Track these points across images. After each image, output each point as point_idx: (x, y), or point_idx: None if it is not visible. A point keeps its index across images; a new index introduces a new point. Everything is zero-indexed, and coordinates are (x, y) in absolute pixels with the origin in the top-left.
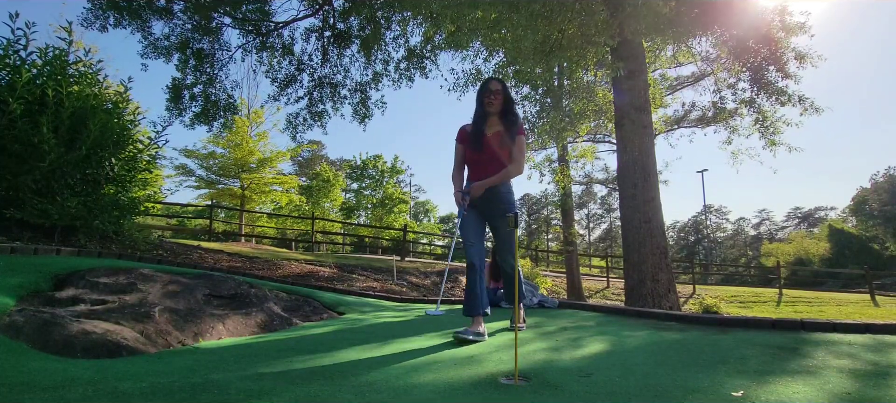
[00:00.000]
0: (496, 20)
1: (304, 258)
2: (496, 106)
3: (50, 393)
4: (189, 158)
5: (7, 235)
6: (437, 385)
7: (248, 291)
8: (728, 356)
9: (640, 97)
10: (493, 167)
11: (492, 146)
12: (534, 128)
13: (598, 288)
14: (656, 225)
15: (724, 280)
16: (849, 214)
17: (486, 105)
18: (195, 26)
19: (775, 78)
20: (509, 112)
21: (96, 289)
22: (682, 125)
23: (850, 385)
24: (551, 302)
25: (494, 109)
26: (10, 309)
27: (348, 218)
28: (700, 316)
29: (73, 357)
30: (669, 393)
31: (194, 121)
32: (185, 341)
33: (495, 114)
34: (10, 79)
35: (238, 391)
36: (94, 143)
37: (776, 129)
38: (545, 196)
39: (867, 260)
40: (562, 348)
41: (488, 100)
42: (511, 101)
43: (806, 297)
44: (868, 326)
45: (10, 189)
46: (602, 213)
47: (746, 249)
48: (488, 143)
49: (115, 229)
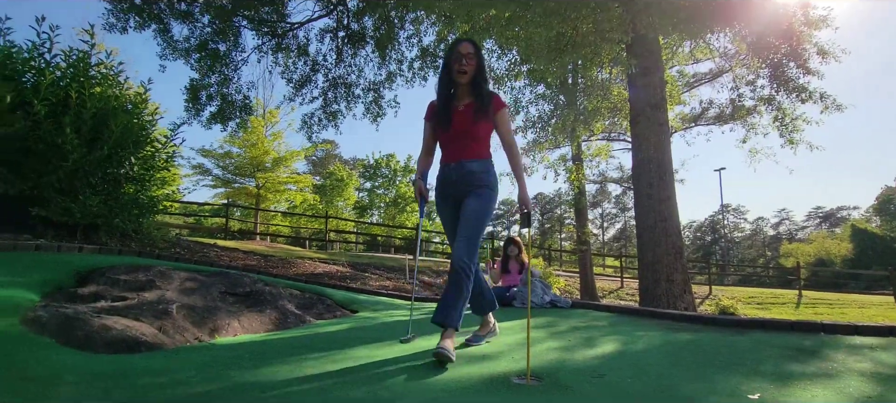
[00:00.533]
0: (509, 18)
1: (317, 256)
2: (468, 73)
3: (72, 387)
4: (206, 158)
5: (32, 233)
6: (449, 384)
7: (263, 289)
8: (744, 358)
9: (655, 94)
10: (463, 145)
11: (463, 122)
12: (547, 127)
13: (611, 288)
14: (672, 225)
15: (742, 281)
16: (873, 214)
17: (455, 72)
18: (214, 29)
19: (796, 74)
20: (482, 81)
21: (116, 286)
22: (699, 123)
23: (871, 389)
24: (564, 302)
25: (466, 78)
26: (34, 304)
27: (361, 216)
28: (716, 317)
29: (94, 352)
30: (683, 395)
31: (211, 120)
32: (201, 337)
33: (466, 83)
34: (36, 81)
35: (253, 386)
36: (116, 143)
37: (796, 127)
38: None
39: (891, 262)
40: (574, 348)
41: (459, 66)
42: (484, 68)
43: (827, 299)
44: (891, 329)
45: (34, 188)
46: (616, 212)
47: (765, 249)
48: (459, 119)
49: (135, 227)
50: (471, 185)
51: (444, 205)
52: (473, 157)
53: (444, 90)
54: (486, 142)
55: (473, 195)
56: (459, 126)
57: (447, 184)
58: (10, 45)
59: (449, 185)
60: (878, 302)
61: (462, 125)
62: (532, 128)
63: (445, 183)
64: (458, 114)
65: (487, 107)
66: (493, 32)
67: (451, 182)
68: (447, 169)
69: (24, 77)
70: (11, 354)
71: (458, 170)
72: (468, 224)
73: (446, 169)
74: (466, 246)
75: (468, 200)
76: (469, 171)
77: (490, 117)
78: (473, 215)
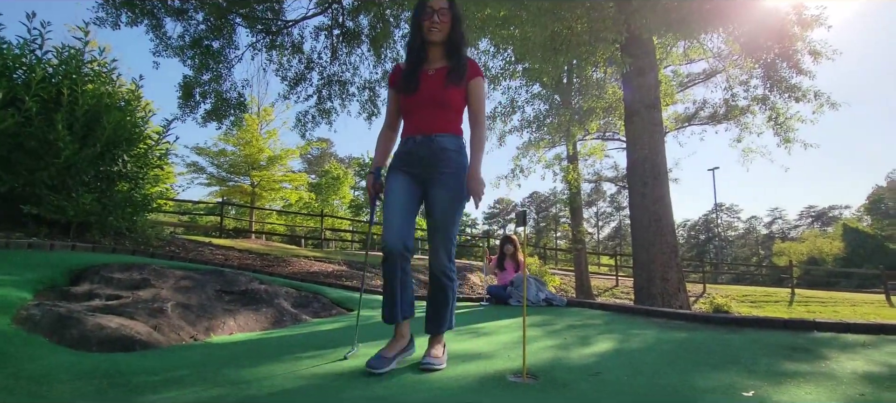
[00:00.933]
0: (505, 17)
1: (313, 255)
2: (441, 31)
3: (66, 386)
4: (200, 156)
5: (24, 231)
6: (445, 382)
7: (259, 287)
8: (739, 356)
9: (650, 94)
10: (433, 114)
11: (433, 87)
12: (543, 126)
13: (606, 286)
14: (666, 224)
15: (735, 279)
16: (864, 213)
17: (425, 30)
18: (209, 26)
19: (789, 74)
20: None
21: (110, 284)
22: (693, 122)
23: (864, 386)
24: (559, 301)
25: (439, 37)
26: (27, 303)
27: (357, 215)
28: (710, 316)
29: (88, 350)
30: (679, 393)
31: (206, 118)
32: (196, 336)
33: (439, 43)
34: (27, 78)
35: (248, 385)
36: (108, 141)
37: (790, 126)
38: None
39: (882, 260)
40: (570, 346)
41: (429, 23)
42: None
43: (819, 297)
44: (883, 327)
45: (26, 185)
46: (611, 211)
47: (758, 248)
48: (428, 83)
49: (129, 225)
50: (441, 169)
51: (399, 180)
52: (445, 131)
53: (413, 52)
54: (459, 115)
55: (444, 186)
56: (429, 92)
57: (411, 161)
58: (0, 41)
59: (414, 162)
60: (869, 301)
61: (432, 91)
62: (528, 127)
63: (409, 159)
64: (427, 78)
65: (462, 73)
66: (488, 31)
67: (416, 158)
68: (412, 142)
69: (14, 73)
70: (4, 353)
71: (426, 146)
72: (444, 224)
73: (411, 142)
74: (445, 248)
75: (438, 191)
76: (441, 148)
77: (464, 85)
78: (449, 213)
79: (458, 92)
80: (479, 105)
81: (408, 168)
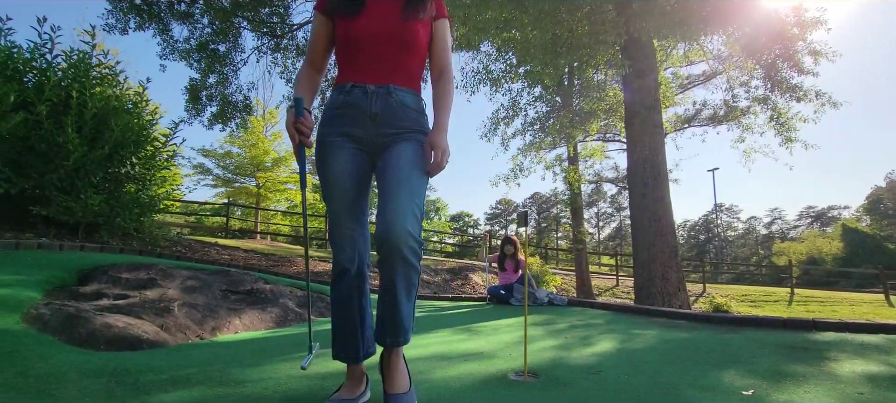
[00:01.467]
0: (506, 20)
1: (318, 255)
2: None
3: (75, 384)
4: (207, 158)
5: (34, 232)
6: (448, 381)
7: (264, 287)
8: (738, 355)
9: (650, 96)
10: (392, 61)
11: (387, 15)
12: (545, 127)
13: (607, 286)
14: (666, 224)
15: (735, 279)
16: (863, 213)
17: None
18: (214, 29)
19: (790, 75)
20: None
21: (118, 284)
22: (693, 124)
23: (863, 385)
24: (560, 300)
25: None
26: (36, 302)
27: None
28: (710, 315)
29: (96, 349)
30: (679, 392)
31: (212, 121)
32: (203, 335)
33: None
34: (38, 81)
35: (254, 384)
36: (116, 143)
37: (791, 126)
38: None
39: (882, 260)
40: (571, 345)
41: None
42: None
43: (818, 297)
44: (882, 326)
45: (36, 187)
46: (612, 212)
47: (758, 248)
48: (379, 9)
49: (136, 226)
50: (399, 128)
51: (341, 153)
52: (405, 84)
53: None
54: (421, 63)
55: (407, 141)
56: (383, 21)
57: (356, 118)
58: (11, 46)
59: (360, 120)
60: (868, 300)
61: (388, 22)
62: (530, 129)
63: (353, 116)
64: (377, 2)
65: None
66: (490, 34)
67: (363, 115)
68: (357, 92)
69: (25, 77)
70: (14, 351)
71: (381, 100)
72: (410, 179)
73: (356, 92)
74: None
75: (402, 146)
76: (400, 104)
77: (429, 20)
78: (416, 167)
79: (423, 28)
80: (447, 53)
81: (350, 129)
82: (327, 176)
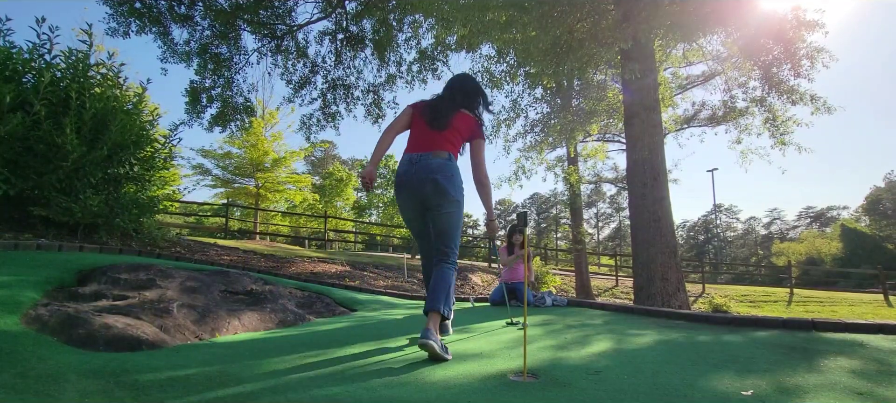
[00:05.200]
0: (507, 22)
1: (317, 255)
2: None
3: (74, 385)
4: (206, 158)
5: (32, 232)
6: (446, 382)
7: (263, 288)
8: (738, 355)
9: (649, 96)
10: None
11: (457, 128)
12: (546, 129)
13: (606, 286)
14: (666, 225)
15: (734, 279)
16: (862, 213)
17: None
18: (214, 32)
19: (787, 77)
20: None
21: (117, 285)
22: (692, 124)
23: (862, 385)
24: (560, 301)
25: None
26: (35, 303)
27: (360, 216)
28: (710, 315)
29: (95, 350)
30: (678, 392)
31: (213, 123)
32: (202, 336)
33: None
34: (36, 82)
35: (253, 384)
36: (115, 143)
37: (786, 129)
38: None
39: (881, 260)
40: (570, 346)
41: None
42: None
43: (817, 297)
44: (881, 326)
45: (35, 187)
46: (611, 212)
47: (757, 248)
48: (455, 124)
49: (135, 227)
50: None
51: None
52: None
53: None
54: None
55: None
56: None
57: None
58: (10, 46)
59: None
60: (867, 300)
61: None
62: (531, 130)
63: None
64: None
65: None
66: (491, 36)
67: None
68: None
69: (24, 77)
70: (13, 352)
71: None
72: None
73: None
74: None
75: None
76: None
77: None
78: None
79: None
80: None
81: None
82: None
